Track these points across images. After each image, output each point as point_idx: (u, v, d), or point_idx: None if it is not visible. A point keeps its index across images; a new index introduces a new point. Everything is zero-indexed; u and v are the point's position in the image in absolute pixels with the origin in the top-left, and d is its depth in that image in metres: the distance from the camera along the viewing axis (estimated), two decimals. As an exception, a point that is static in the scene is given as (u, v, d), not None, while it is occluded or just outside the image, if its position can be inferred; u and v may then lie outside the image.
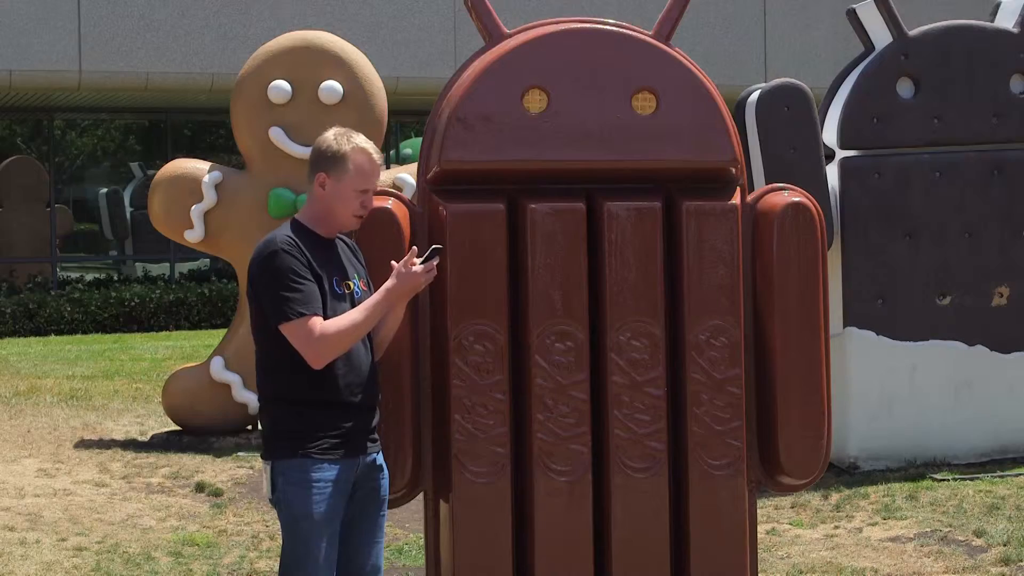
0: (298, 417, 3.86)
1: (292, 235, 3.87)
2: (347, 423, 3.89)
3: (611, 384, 4.17)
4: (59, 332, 17.95)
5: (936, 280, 8.24)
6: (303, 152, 9.36)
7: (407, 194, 8.46)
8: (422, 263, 3.88)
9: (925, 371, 8.23)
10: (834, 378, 4.91)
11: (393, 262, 3.93)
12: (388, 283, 3.88)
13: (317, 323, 3.78)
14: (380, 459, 4.03)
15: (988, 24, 8.55)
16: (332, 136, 3.95)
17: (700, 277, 4.21)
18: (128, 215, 22.62)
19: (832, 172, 8.16)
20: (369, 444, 3.97)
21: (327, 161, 3.92)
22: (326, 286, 3.86)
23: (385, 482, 4.05)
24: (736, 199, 4.28)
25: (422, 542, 4.76)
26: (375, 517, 4.03)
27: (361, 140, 3.95)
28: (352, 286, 3.95)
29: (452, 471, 4.13)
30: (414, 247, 3.95)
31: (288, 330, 3.79)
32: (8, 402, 11.26)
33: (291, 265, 3.80)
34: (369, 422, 3.97)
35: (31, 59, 17.72)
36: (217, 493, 7.92)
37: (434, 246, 3.95)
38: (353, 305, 3.91)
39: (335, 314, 3.85)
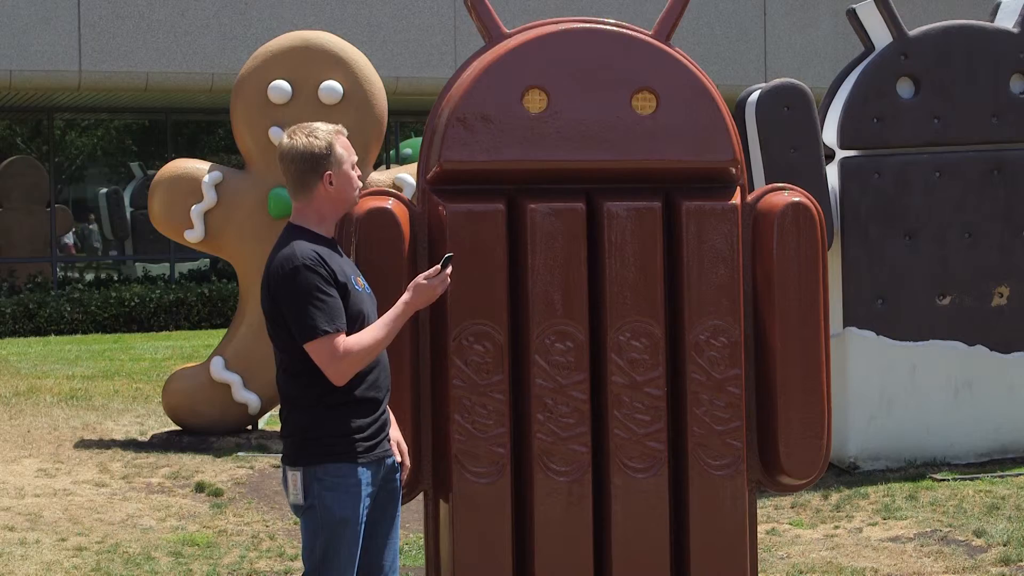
0: (336, 420, 3.85)
1: (314, 247, 3.85)
2: (376, 423, 3.91)
3: (611, 384, 4.17)
4: (59, 332, 17.95)
5: (936, 280, 8.24)
6: (303, 152, 9.37)
7: (407, 194, 8.48)
8: (442, 270, 3.91)
9: (925, 371, 8.23)
10: (834, 378, 4.92)
11: (419, 279, 3.91)
12: (406, 296, 3.90)
13: (341, 341, 3.78)
14: (396, 458, 4.05)
15: (988, 24, 8.55)
16: (306, 138, 3.91)
17: (700, 277, 4.21)
18: (128, 215, 22.63)
19: (832, 172, 8.16)
20: (390, 445, 4.00)
21: (324, 159, 3.91)
22: (350, 287, 3.88)
23: (398, 479, 4.05)
24: (736, 199, 4.28)
25: (422, 542, 4.77)
26: (394, 517, 4.05)
27: (323, 126, 3.97)
28: (362, 283, 3.99)
29: (452, 471, 4.13)
30: (437, 266, 3.95)
31: (312, 348, 3.79)
32: (8, 402, 11.26)
33: (315, 282, 3.79)
34: (389, 421, 4.00)
35: (31, 59, 17.72)
36: (217, 493, 7.92)
37: (447, 255, 3.96)
38: (370, 301, 3.96)
39: (360, 311, 3.87)
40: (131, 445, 9.35)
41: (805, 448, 4.33)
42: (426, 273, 3.92)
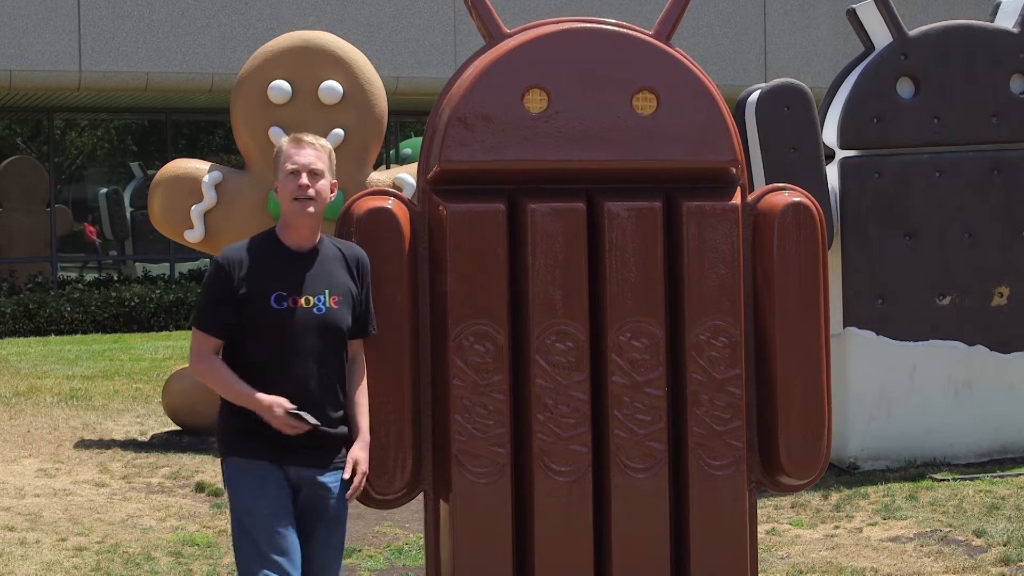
0: (231, 417, 3.97)
1: (246, 246, 3.95)
2: (270, 430, 3.89)
3: (611, 384, 4.16)
4: (59, 332, 17.95)
5: (936, 280, 8.24)
6: (303, 152, 9.37)
7: (407, 194, 8.47)
8: (291, 414, 3.84)
9: (925, 371, 8.23)
10: (834, 378, 4.91)
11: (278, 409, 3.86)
12: (262, 398, 3.83)
13: (205, 344, 3.91)
14: (329, 479, 3.97)
15: (988, 24, 8.55)
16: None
17: (700, 277, 4.21)
18: (128, 215, 22.63)
19: (832, 172, 8.16)
20: (307, 459, 3.94)
21: (273, 166, 4.03)
22: (260, 300, 3.88)
23: (335, 502, 3.98)
24: (736, 199, 4.28)
25: (422, 542, 4.77)
26: (324, 537, 3.99)
27: (307, 136, 4.04)
28: (312, 301, 3.91)
29: (452, 471, 4.12)
30: (309, 423, 3.85)
31: (192, 333, 3.98)
32: (8, 402, 11.26)
33: (214, 280, 3.92)
34: (310, 439, 3.90)
35: (31, 59, 17.72)
36: (217, 493, 7.92)
37: (316, 423, 3.87)
38: (301, 321, 3.88)
39: (263, 327, 3.86)
40: (131, 445, 9.35)
41: (805, 448, 4.33)
42: (289, 412, 3.82)
